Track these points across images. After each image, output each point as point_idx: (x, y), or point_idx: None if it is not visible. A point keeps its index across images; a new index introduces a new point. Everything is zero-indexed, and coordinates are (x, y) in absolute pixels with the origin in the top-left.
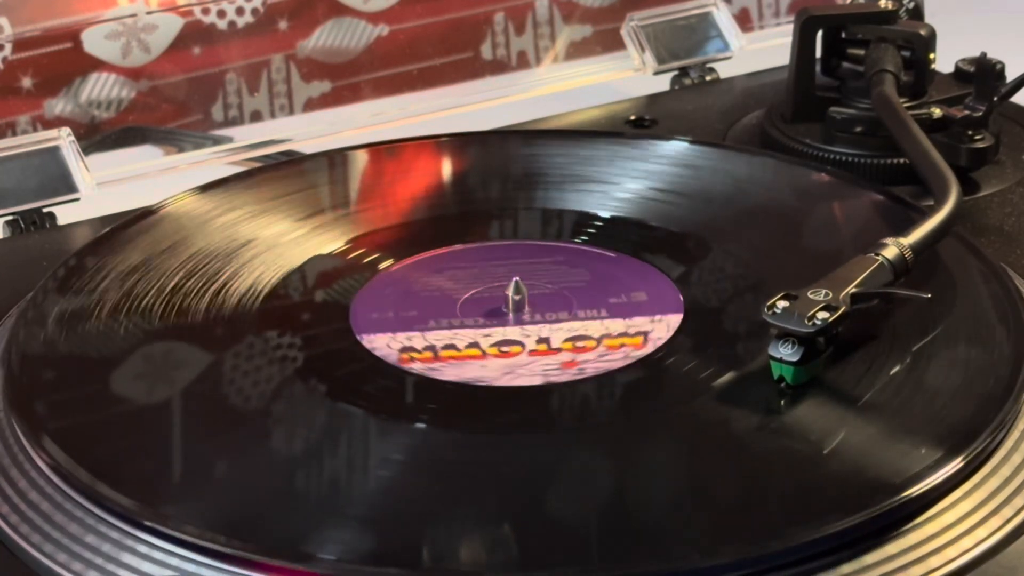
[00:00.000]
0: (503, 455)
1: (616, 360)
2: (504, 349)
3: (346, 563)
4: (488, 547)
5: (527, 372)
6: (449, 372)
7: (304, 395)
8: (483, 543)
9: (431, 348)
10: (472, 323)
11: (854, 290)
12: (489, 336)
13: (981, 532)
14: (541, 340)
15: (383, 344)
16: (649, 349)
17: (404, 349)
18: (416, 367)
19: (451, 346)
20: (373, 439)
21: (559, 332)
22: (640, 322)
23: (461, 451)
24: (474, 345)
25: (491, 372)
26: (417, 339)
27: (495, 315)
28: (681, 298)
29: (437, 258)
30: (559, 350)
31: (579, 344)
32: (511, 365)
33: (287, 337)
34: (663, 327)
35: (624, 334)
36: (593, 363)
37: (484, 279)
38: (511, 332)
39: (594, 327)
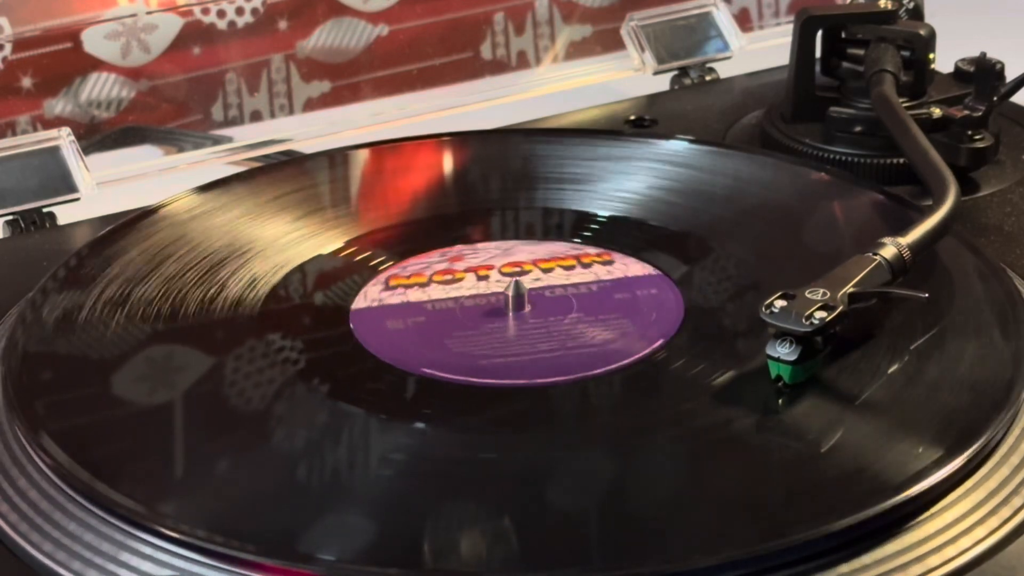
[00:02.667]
0: (502, 455)
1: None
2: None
3: (346, 563)
4: (488, 547)
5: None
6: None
7: (303, 395)
8: (483, 543)
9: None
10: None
11: (852, 290)
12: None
13: (980, 532)
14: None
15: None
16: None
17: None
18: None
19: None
20: (373, 439)
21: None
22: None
23: (460, 450)
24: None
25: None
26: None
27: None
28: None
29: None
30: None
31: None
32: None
33: (287, 338)
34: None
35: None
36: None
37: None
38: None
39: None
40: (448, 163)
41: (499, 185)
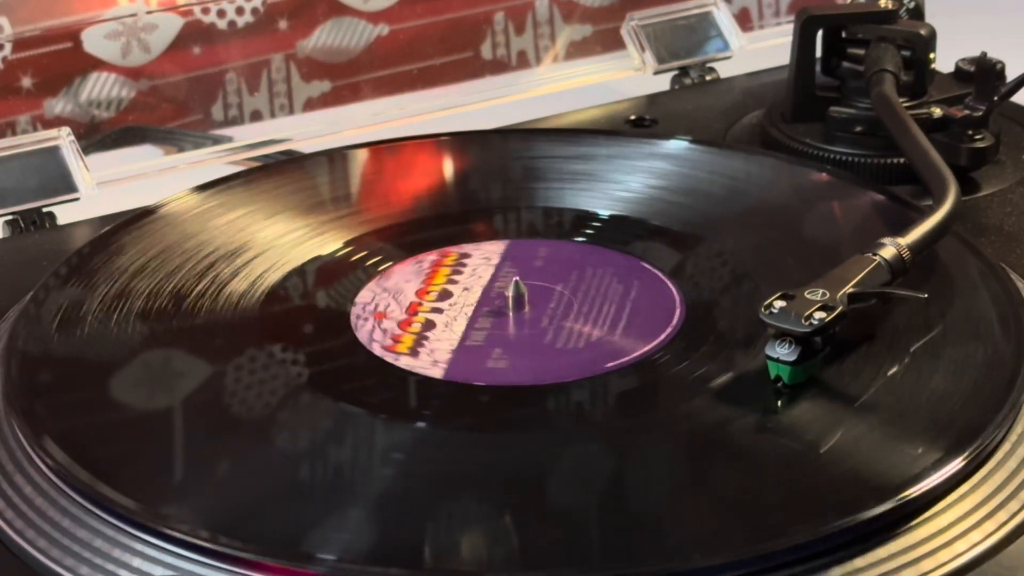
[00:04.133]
0: (501, 455)
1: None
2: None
3: (346, 563)
4: (488, 547)
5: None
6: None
7: (303, 395)
8: (483, 543)
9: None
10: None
11: (851, 290)
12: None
13: (981, 532)
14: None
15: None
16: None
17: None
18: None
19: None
20: (372, 438)
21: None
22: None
23: (460, 450)
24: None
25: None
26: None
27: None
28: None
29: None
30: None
31: None
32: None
33: (286, 338)
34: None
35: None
36: None
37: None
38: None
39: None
40: (448, 163)
41: (499, 185)
